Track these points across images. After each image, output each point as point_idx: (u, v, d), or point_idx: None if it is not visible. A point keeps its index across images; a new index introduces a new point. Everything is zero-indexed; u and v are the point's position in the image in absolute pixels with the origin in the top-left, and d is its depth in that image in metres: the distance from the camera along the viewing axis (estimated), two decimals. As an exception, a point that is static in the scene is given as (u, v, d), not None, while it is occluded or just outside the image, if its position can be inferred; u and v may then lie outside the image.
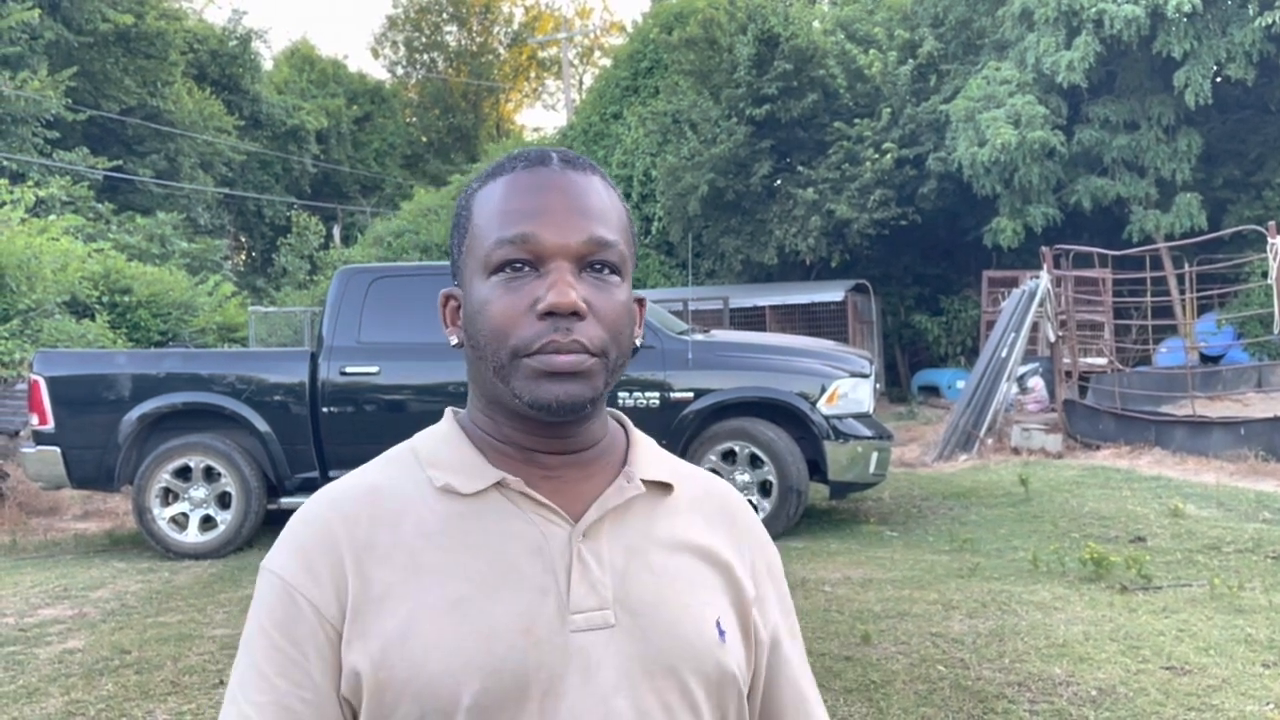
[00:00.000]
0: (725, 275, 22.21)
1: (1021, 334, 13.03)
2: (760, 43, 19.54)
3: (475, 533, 1.06)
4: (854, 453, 8.04)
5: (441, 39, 46.51)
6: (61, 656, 5.35)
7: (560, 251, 1.05)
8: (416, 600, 1.03)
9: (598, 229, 1.07)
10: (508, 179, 1.10)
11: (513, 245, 1.05)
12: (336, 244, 33.31)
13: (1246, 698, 4.10)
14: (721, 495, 1.22)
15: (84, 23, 25.37)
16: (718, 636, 1.09)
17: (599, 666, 1.03)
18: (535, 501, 1.08)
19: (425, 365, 8.05)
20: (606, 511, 1.09)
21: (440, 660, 1.00)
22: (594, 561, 1.07)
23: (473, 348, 1.09)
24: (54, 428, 8.07)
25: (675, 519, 1.15)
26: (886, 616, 5.51)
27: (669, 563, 1.11)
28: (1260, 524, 7.57)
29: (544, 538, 1.06)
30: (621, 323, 1.08)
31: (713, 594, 1.12)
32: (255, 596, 1.08)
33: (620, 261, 1.09)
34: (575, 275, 1.05)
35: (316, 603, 1.04)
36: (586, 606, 1.04)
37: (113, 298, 16.69)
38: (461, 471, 1.09)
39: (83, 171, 23.54)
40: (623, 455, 1.16)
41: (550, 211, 1.06)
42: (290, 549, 1.08)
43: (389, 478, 1.11)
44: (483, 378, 1.10)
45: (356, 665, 1.02)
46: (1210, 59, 16.60)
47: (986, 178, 17.65)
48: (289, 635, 1.04)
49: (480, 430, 1.13)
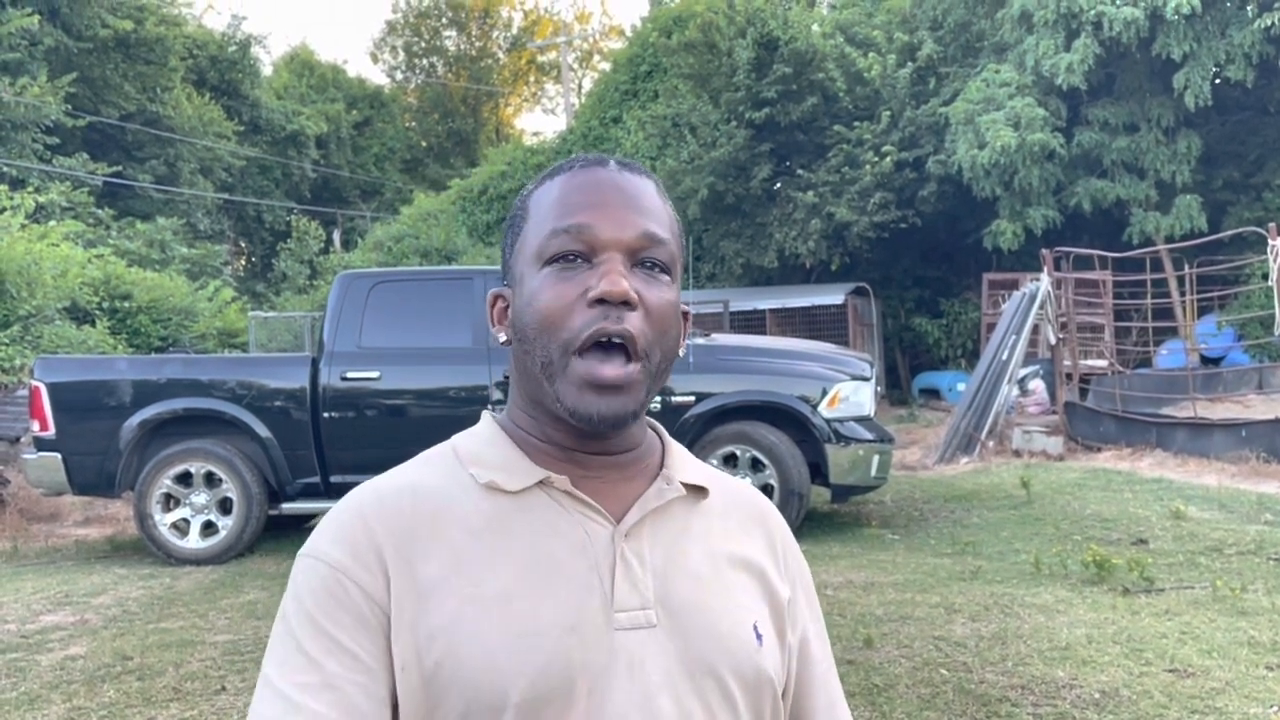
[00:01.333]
0: (725, 278, 22.21)
1: (1022, 336, 13.03)
2: (759, 46, 19.55)
3: (520, 530, 1.06)
4: (855, 456, 8.04)
5: (441, 44, 46.52)
6: (63, 663, 5.34)
7: (614, 244, 1.06)
8: (463, 595, 1.02)
9: (651, 225, 1.09)
10: (564, 177, 1.12)
11: (568, 235, 1.07)
12: (336, 249, 33.28)
13: (1250, 700, 4.09)
14: (753, 501, 1.24)
15: (83, 29, 25.38)
16: (755, 640, 1.10)
17: (643, 665, 1.03)
18: (579, 500, 1.08)
19: (426, 370, 8.05)
20: (647, 512, 1.10)
21: (487, 656, 0.99)
22: (636, 561, 1.07)
23: (520, 341, 1.10)
24: (55, 434, 8.08)
25: (711, 522, 1.16)
26: (889, 620, 5.51)
27: (706, 565, 1.12)
28: (1262, 526, 7.57)
29: (588, 536, 1.07)
30: (669, 321, 1.09)
31: (749, 598, 1.13)
32: (293, 583, 1.06)
33: (671, 261, 1.10)
34: (628, 268, 1.06)
35: (366, 587, 1.02)
36: (630, 605, 1.05)
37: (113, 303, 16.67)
38: (505, 469, 1.09)
39: (82, 177, 23.53)
40: (660, 459, 1.17)
41: (606, 205, 1.08)
42: (333, 536, 1.06)
43: (430, 475, 1.11)
44: (528, 374, 1.10)
45: (402, 657, 1.01)
46: (1209, 61, 16.61)
47: (986, 180, 17.65)
48: (335, 619, 1.01)
49: (521, 429, 1.13)
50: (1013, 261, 19.23)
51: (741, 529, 1.18)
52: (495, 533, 1.06)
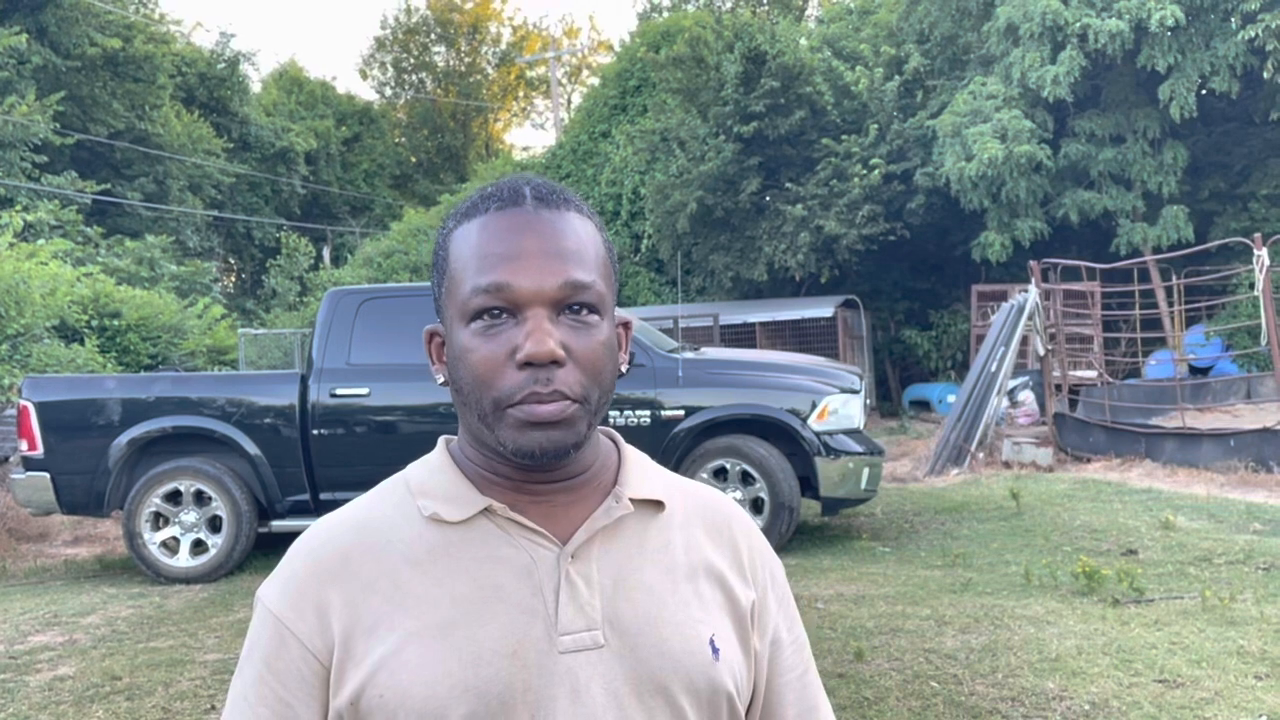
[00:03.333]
0: (715, 292, 22.25)
1: (1011, 348, 13.06)
2: (747, 60, 19.61)
3: (463, 559, 1.07)
4: (845, 468, 8.05)
5: (430, 59, 46.65)
6: (52, 684, 5.32)
7: (536, 298, 1.05)
8: (404, 628, 1.04)
9: (574, 272, 1.06)
10: (481, 221, 1.09)
11: (488, 294, 1.05)
12: (326, 265, 33.27)
13: (1239, 710, 4.10)
14: (716, 507, 1.22)
15: (71, 47, 25.40)
16: (711, 654, 1.09)
17: (587, 687, 1.04)
18: (522, 526, 1.09)
19: (416, 386, 8.04)
20: (595, 532, 1.10)
21: (428, 685, 1.01)
22: (582, 583, 1.07)
23: (456, 391, 1.10)
24: (43, 453, 8.05)
25: (668, 535, 1.15)
26: (879, 633, 5.51)
27: (661, 581, 1.11)
28: (1251, 535, 7.59)
29: (532, 560, 1.07)
30: (602, 364, 1.08)
31: (707, 611, 1.13)
32: (251, 624, 1.11)
33: (599, 301, 1.08)
34: (553, 320, 1.05)
35: (304, 639, 1.06)
36: (575, 628, 1.05)
37: (102, 321, 16.63)
38: (450, 500, 1.10)
39: (71, 195, 23.50)
40: (614, 475, 1.16)
41: (525, 256, 1.05)
42: (282, 582, 1.10)
43: (379, 509, 1.13)
44: (469, 421, 1.10)
45: (349, 695, 1.04)
46: (1194, 72, 16.70)
47: (974, 192, 17.71)
48: (272, 667, 1.07)
49: (469, 460, 1.14)
50: (1001, 273, 19.29)
51: (704, 537, 1.17)
52: (438, 563, 1.07)
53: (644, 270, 24.36)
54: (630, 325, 1.18)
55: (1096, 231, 18.93)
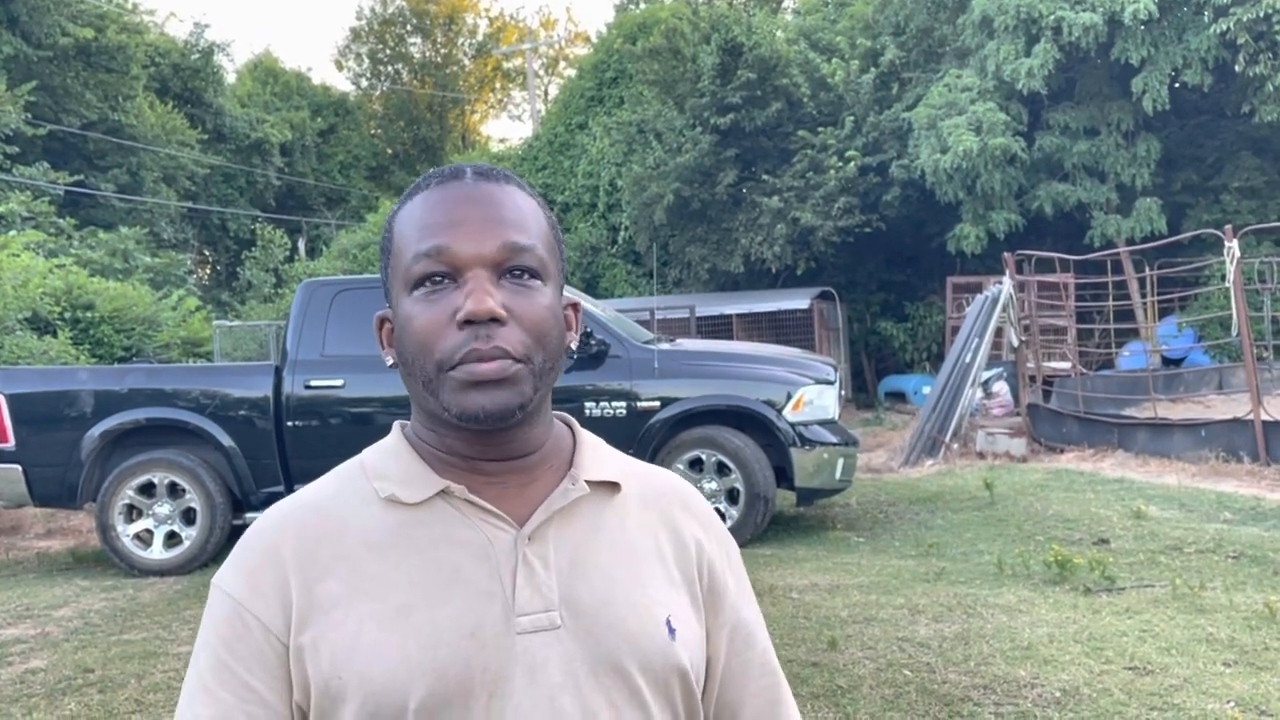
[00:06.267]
0: (692, 284, 22.26)
1: (985, 339, 13.12)
2: (724, 52, 19.63)
3: (420, 541, 1.08)
4: (820, 459, 8.07)
5: (406, 51, 46.39)
6: (24, 676, 5.29)
7: (476, 260, 1.06)
8: (362, 610, 1.04)
9: (512, 235, 1.08)
10: (422, 196, 1.11)
11: (429, 259, 1.06)
12: (302, 257, 33.12)
13: (1208, 696, 4.14)
14: (671, 489, 1.23)
15: (43, 37, 25.16)
16: (667, 634, 1.10)
17: (544, 667, 1.05)
18: (479, 508, 1.09)
19: (391, 377, 7.96)
20: (552, 514, 1.10)
21: (386, 667, 1.02)
22: (539, 564, 1.08)
23: (403, 364, 1.10)
24: (15, 445, 7.99)
25: (624, 517, 1.16)
26: (853, 622, 5.54)
27: (616, 562, 1.12)
28: (1221, 524, 7.66)
29: (489, 543, 1.08)
30: (546, 326, 1.08)
31: (663, 591, 1.13)
32: (205, 612, 1.10)
33: (540, 265, 1.10)
34: (494, 283, 1.06)
35: (262, 618, 1.06)
36: (532, 609, 1.06)
37: (75, 314, 16.49)
38: (406, 482, 1.10)
39: (43, 187, 23.31)
40: (569, 458, 1.17)
41: (464, 222, 1.07)
42: (238, 566, 1.10)
43: (336, 491, 1.13)
44: (416, 393, 1.11)
45: (307, 676, 1.04)
46: (1167, 65, 16.82)
47: (949, 184, 17.78)
48: (234, 651, 1.06)
49: (424, 442, 1.14)
50: (976, 265, 19.38)
51: (659, 519, 1.18)
52: (395, 546, 1.07)
53: (620, 262, 24.35)
54: (579, 306, 1.18)
55: (1070, 223, 19.04)
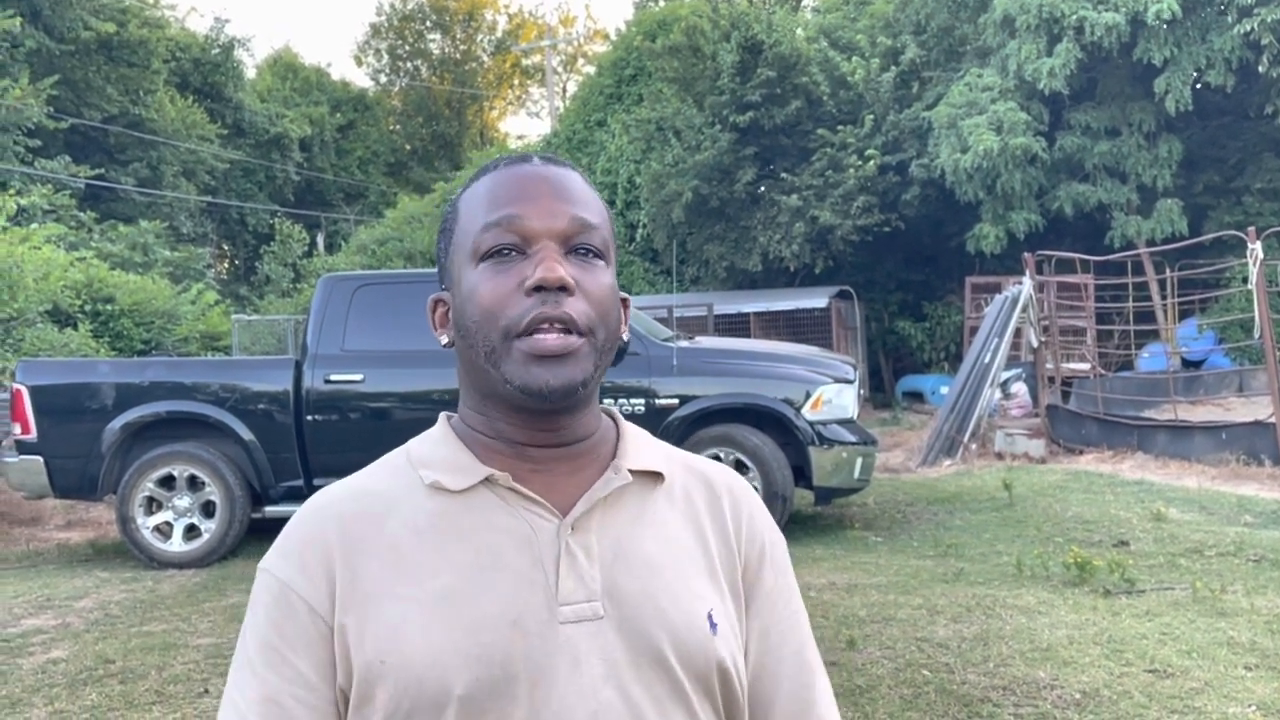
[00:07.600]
0: (710, 282, 22.23)
1: (1004, 339, 13.08)
2: (744, 50, 19.58)
3: (463, 528, 1.08)
4: (838, 458, 8.06)
5: (425, 47, 46.46)
6: (45, 667, 5.33)
7: (546, 233, 1.08)
8: (406, 595, 1.05)
9: (581, 211, 1.10)
10: (491, 175, 1.14)
11: (499, 228, 1.08)
12: (320, 252, 33.22)
13: (1229, 700, 4.13)
14: (718, 480, 1.22)
15: (66, 31, 25.27)
16: (709, 628, 1.10)
17: (587, 658, 1.04)
18: (523, 496, 1.09)
19: (410, 373, 8.03)
20: (595, 504, 1.10)
21: (429, 653, 1.02)
22: (582, 554, 1.08)
23: (462, 338, 1.11)
24: (37, 437, 8.03)
25: (668, 507, 1.16)
26: (871, 621, 5.53)
27: (659, 553, 1.12)
28: (1242, 527, 7.62)
29: (532, 531, 1.08)
30: (609, 303, 1.10)
31: (705, 584, 1.13)
32: (251, 596, 1.11)
33: (604, 246, 1.12)
34: (562, 256, 1.08)
35: (309, 599, 1.06)
36: (574, 599, 1.06)
37: (95, 307, 16.61)
38: (451, 469, 1.11)
39: (65, 180, 23.40)
40: (613, 448, 1.17)
41: (535, 197, 1.09)
42: (284, 549, 1.10)
43: (381, 479, 1.14)
44: (474, 367, 1.11)
45: (350, 657, 1.04)
46: (1190, 66, 16.72)
47: (969, 184, 17.71)
48: (281, 632, 1.06)
49: (471, 428, 1.15)
50: (995, 265, 19.29)
51: (705, 509, 1.18)
52: (440, 532, 1.08)
53: (639, 260, 24.33)
54: (629, 303, 1.19)
55: (1091, 224, 18.95)
